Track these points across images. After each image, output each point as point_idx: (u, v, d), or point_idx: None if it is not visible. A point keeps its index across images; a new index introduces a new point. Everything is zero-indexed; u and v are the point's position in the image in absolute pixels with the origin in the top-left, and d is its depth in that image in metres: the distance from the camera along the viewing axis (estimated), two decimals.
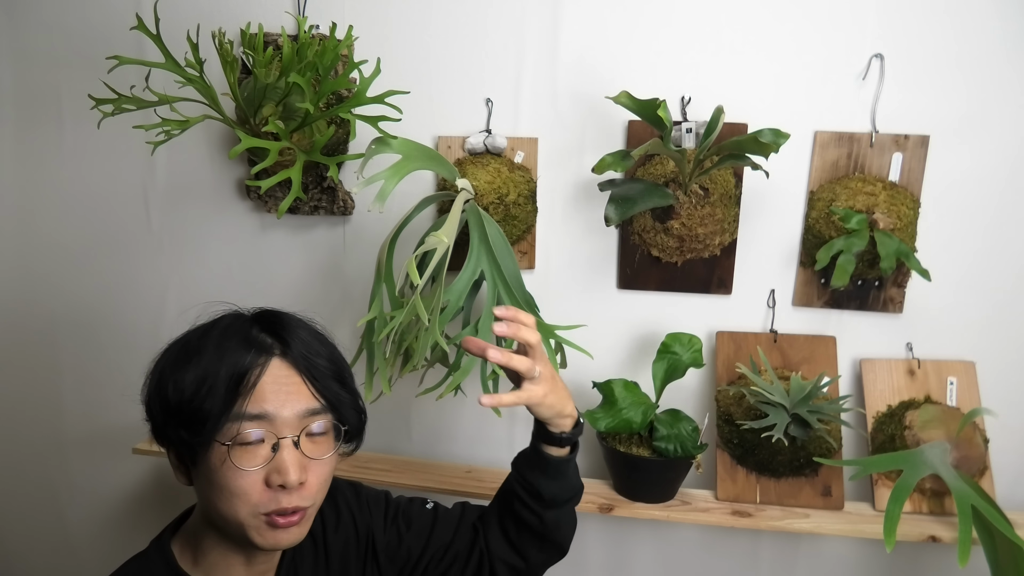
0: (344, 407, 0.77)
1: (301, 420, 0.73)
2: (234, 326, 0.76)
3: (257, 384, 0.71)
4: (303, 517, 0.73)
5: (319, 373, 0.75)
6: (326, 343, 0.80)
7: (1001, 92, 1.06)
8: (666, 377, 1.09)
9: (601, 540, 1.29)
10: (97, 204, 1.34)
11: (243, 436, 0.70)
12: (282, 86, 0.98)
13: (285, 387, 0.73)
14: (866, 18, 1.06)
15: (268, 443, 0.71)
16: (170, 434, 0.73)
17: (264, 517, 0.71)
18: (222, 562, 0.77)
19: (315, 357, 0.76)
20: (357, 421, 0.80)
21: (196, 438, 0.70)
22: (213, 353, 0.72)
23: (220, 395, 0.69)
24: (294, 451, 0.71)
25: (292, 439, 0.72)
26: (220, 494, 0.71)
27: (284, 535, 0.72)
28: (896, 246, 1.02)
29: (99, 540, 1.50)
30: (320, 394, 0.75)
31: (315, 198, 1.22)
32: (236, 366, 0.71)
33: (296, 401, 0.73)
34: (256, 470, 0.70)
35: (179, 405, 0.71)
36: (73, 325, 1.40)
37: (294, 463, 0.71)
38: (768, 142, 0.93)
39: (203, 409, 0.69)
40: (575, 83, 1.15)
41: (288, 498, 0.71)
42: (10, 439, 1.48)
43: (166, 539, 0.80)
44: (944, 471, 0.95)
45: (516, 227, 1.17)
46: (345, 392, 0.78)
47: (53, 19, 1.28)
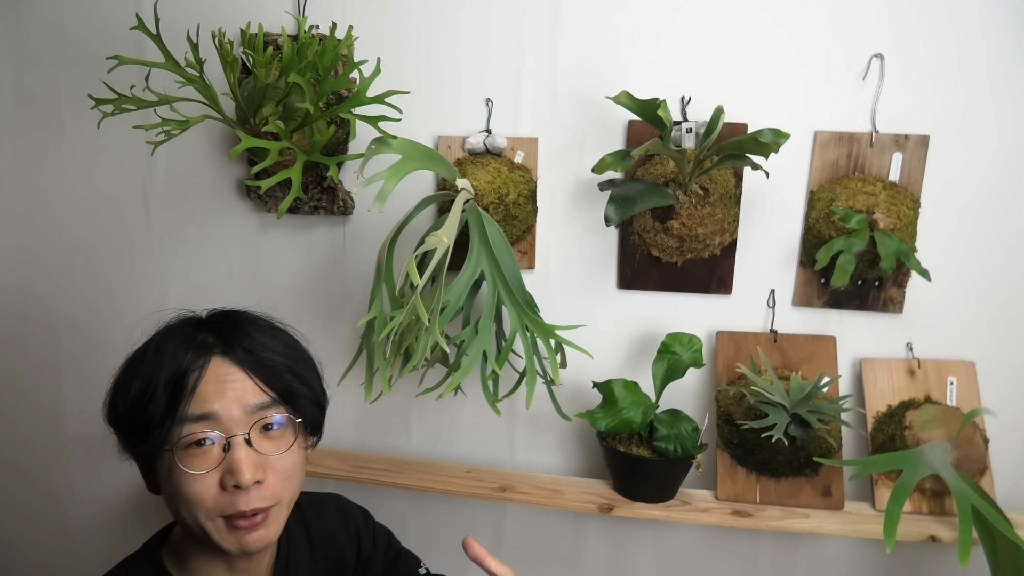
0: (298, 399, 0.75)
1: (250, 416, 0.70)
2: (176, 329, 0.74)
3: (198, 385, 0.69)
4: (267, 517, 0.71)
5: (267, 368, 0.73)
6: (281, 336, 0.78)
7: (1001, 92, 1.06)
8: (666, 377, 1.09)
9: (601, 540, 1.29)
10: (97, 204, 1.34)
11: (188, 438, 0.68)
12: (282, 86, 0.98)
13: (228, 384, 0.70)
14: (866, 18, 1.06)
15: (219, 444, 0.68)
16: (124, 445, 0.72)
17: (223, 520, 0.69)
18: (205, 567, 0.76)
19: (263, 352, 0.73)
20: (314, 413, 0.78)
21: (144, 446, 0.68)
22: (153, 359, 0.70)
23: (161, 401, 0.67)
24: (246, 449, 0.69)
25: (243, 436, 0.69)
26: (177, 501, 0.69)
27: (249, 537, 0.70)
28: (896, 246, 1.02)
29: (99, 540, 1.50)
30: (270, 387, 0.72)
31: (315, 198, 1.22)
32: (175, 369, 0.69)
33: (241, 397, 0.70)
34: (207, 473, 0.68)
35: (126, 415, 0.70)
36: (73, 325, 1.40)
37: (248, 462, 0.68)
38: (768, 142, 0.93)
39: (146, 416, 0.68)
40: (575, 83, 1.15)
41: (245, 499, 0.68)
42: (10, 439, 1.48)
43: (155, 544, 0.79)
44: (944, 471, 0.95)
45: (516, 227, 1.17)
46: (300, 384, 0.75)
47: (53, 19, 1.28)
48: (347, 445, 1.33)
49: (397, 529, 1.03)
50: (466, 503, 1.30)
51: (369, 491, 1.26)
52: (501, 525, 1.32)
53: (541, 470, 1.26)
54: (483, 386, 1.03)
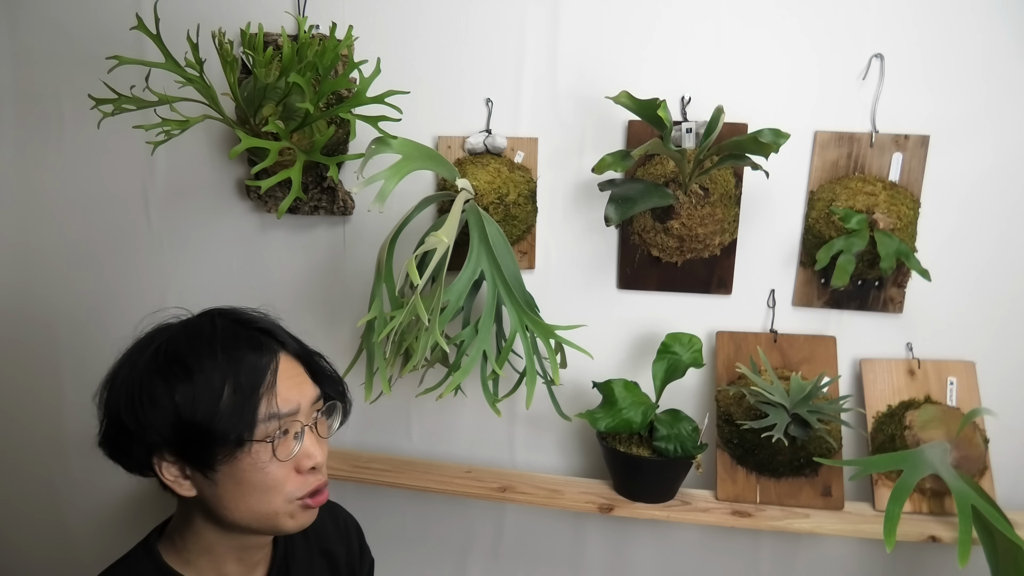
0: (327, 384, 0.83)
1: (312, 406, 0.78)
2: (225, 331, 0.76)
3: (276, 382, 0.75)
4: (325, 492, 0.79)
5: (309, 359, 0.81)
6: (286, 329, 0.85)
7: (1001, 92, 1.06)
8: (666, 377, 1.09)
9: (601, 540, 1.29)
10: (97, 204, 1.34)
11: (277, 433, 0.73)
12: (282, 86, 0.98)
13: (296, 379, 0.77)
14: (866, 18, 1.06)
15: (291, 433, 0.75)
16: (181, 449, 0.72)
17: (298, 502, 0.76)
18: (214, 559, 0.79)
19: (297, 345, 0.82)
20: (339, 393, 0.86)
21: (223, 445, 0.70)
22: (223, 361, 0.72)
23: (247, 401, 0.72)
24: (312, 435, 0.77)
25: (310, 425, 0.77)
26: (251, 491, 0.73)
27: (312, 513, 0.78)
28: (896, 246, 1.02)
29: (99, 540, 1.50)
30: (314, 377, 0.81)
31: (315, 198, 1.22)
32: (255, 370, 0.74)
33: (307, 390, 0.78)
34: (290, 460, 0.75)
35: (193, 419, 0.70)
36: (73, 325, 1.40)
37: (316, 446, 0.77)
38: (768, 142, 0.93)
39: (232, 417, 0.71)
40: (575, 83, 1.15)
41: (317, 478, 0.77)
42: (10, 439, 1.48)
43: (153, 540, 0.81)
44: (944, 471, 0.95)
45: (516, 227, 1.17)
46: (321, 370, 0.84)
47: (53, 19, 1.28)
48: (347, 445, 1.33)
49: (397, 529, 1.03)
50: (466, 503, 1.30)
51: (369, 491, 1.26)
52: (501, 525, 1.32)
53: (541, 470, 1.26)
54: (483, 386, 1.03)
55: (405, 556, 1.33)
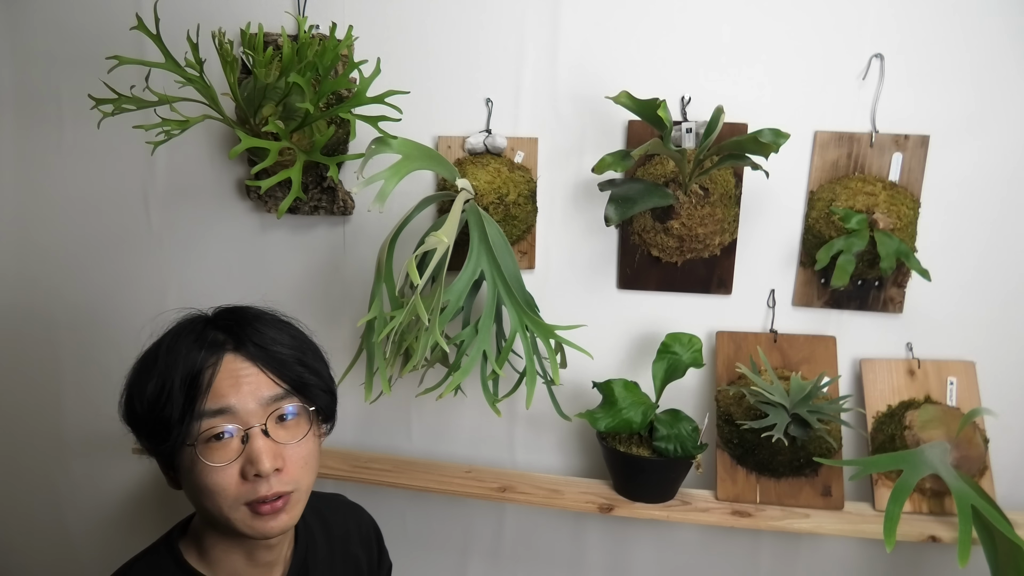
0: (310, 389, 0.78)
1: (265, 408, 0.73)
2: (187, 329, 0.76)
3: (213, 381, 0.72)
4: (287, 502, 0.74)
5: (278, 360, 0.76)
6: (287, 329, 0.81)
7: (1002, 91, 1.06)
8: (666, 377, 1.09)
9: (601, 540, 1.29)
10: (97, 204, 1.34)
11: (207, 432, 0.70)
12: (282, 86, 0.98)
13: (242, 379, 0.73)
14: (866, 18, 1.06)
15: (237, 436, 0.71)
16: (144, 444, 0.75)
17: (246, 507, 0.72)
18: (225, 558, 0.79)
19: (272, 345, 0.76)
20: (327, 401, 0.81)
21: (164, 444, 0.71)
22: (167, 359, 0.73)
23: (178, 399, 0.70)
24: (264, 439, 0.72)
25: (260, 428, 0.72)
26: (200, 493, 0.72)
27: (271, 522, 0.73)
28: (896, 246, 1.02)
29: (99, 540, 1.50)
30: (282, 379, 0.75)
31: (315, 198, 1.22)
32: (190, 367, 0.71)
33: (255, 390, 0.73)
34: (227, 465, 0.71)
35: (144, 415, 0.72)
36: (73, 325, 1.40)
37: (266, 451, 0.71)
38: (768, 142, 0.93)
39: (164, 415, 0.70)
40: (575, 83, 1.15)
41: (267, 485, 0.71)
42: (10, 439, 1.48)
43: (175, 537, 0.82)
44: (944, 471, 0.95)
45: (516, 227, 1.17)
46: (310, 374, 0.78)
47: (53, 19, 1.28)
48: (347, 445, 1.33)
49: (397, 529, 1.04)
50: (466, 503, 1.30)
51: (369, 491, 1.26)
52: (501, 525, 1.31)
53: (541, 470, 1.26)
54: (483, 386, 1.03)
55: (405, 556, 1.33)
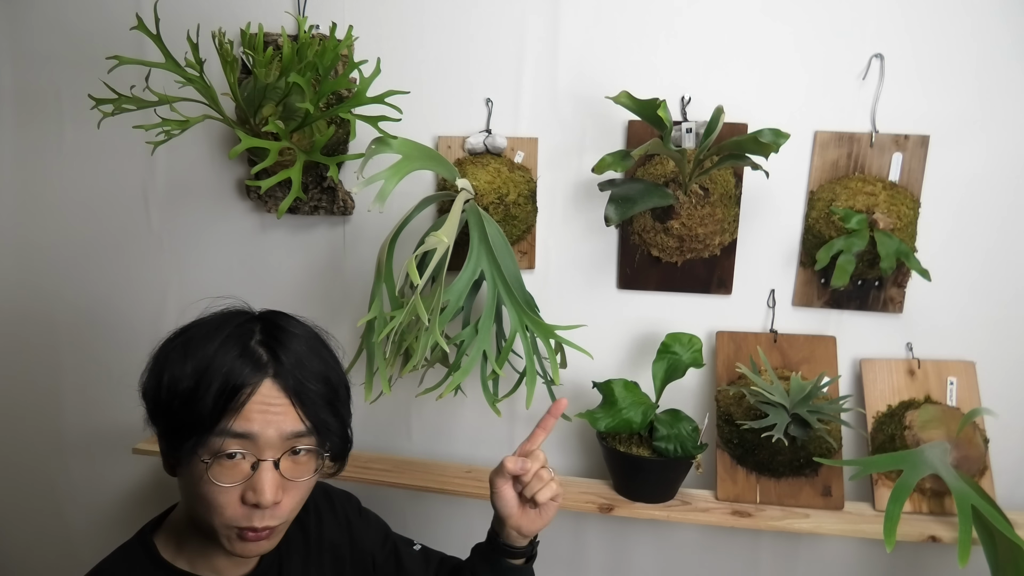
0: (330, 434, 0.77)
1: (284, 442, 0.72)
2: (235, 333, 0.75)
3: (247, 403, 0.71)
4: (272, 533, 0.74)
5: (308, 397, 0.74)
6: (325, 361, 0.79)
7: (1002, 92, 1.06)
8: (666, 377, 1.09)
9: (601, 540, 1.29)
10: (97, 204, 1.34)
11: (223, 450, 0.70)
12: (282, 86, 0.98)
13: (273, 408, 0.72)
14: (866, 18, 1.06)
15: (248, 461, 0.71)
16: (158, 425, 0.74)
17: (236, 530, 0.72)
18: (205, 550, 0.79)
19: (307, 381, 0.75)
20: (341, 448, 0.79)
21: (181, 446, 0.70)
22: (213, 356, 0.71)
23: (209, 406, 0.69)
24: (273, 472, 0.71)
25: (272, 460, 0.72)
26: (198, 501, 0.72)
27: (253, 547, 0.74)
28: (896, 246, 1.02)
29: (99, 540, 1.49)
30: (307, 418, 0.74)
31: (315, 198, 1.22)
32: (230, 379, 0.70)
33: (281, 423, 0.72)
34: (233, 487, 0.70)
35: (170, 401, 0.71)
36: (73, 325, 1.40)
37: (271, 484, 0.71)
38: (768, 142, 0.93)
39: (191, 415, 0.70)
40: (575, 83, 1.15)
41: (260, 517, 0.71)
42: (10, 439, 1.48)
43: (148, 531, 0.81)
44: (944, 471, 0.95)
45: (516, 227, 1.17)
46: (334, 419, 0.77)
47: (53, 19, 1.28)
48: None
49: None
50: (466, 503, 1.30)
51: (369, 491, 1.26)
52: None
53: None
54: (483, 386, 1.03)
55: None
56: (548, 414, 0.88)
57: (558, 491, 0.85)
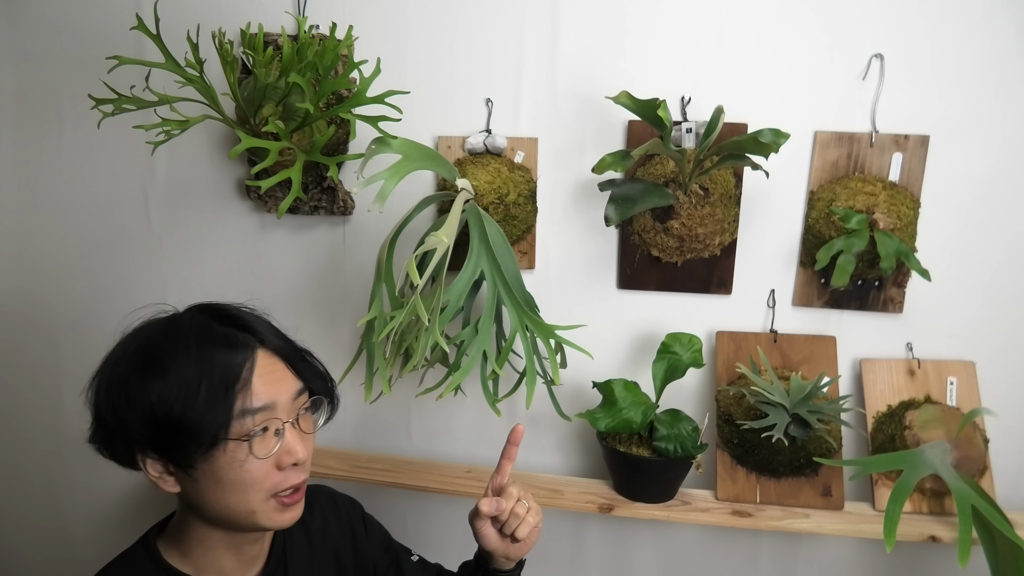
0: (313, 380, 0.82)
1: (294, 402, 0.77)
2: (200, 328, 0.76)
3: (252, 379, 0.74)
4: (301, 492, 0.78)
5: (291, 354, 0.80)
6: (272, 324, 0.84)
7: (1002, 91, 1.06)
8: (666, 377, 1.09)
9: (601, 540, 1.29)
10: (97, 204, 1.34)
11: (257, 429, 0.73)
12: (282, 86, 0.98)
13: (275, 375, 0.76)
14: (866, 18, 1.06)
15: (272, 429, 0.74)
16: (159, 446, 0.73)
17: (274, 500, 0.75)
18: (210, 554, 0.79)
19: (280, 340, 0.80)
20: (326, 388, 0.85)
21: (199, 444, 0.70)
22: (196, 358, 0.72)
23: (221, 398, 0.71)
24: (295, 431, 0.76)
25: (291, 421, 0.76)
26: (230, 488, 0.73)
27: (292, 512, 0.77)
28: (896, 246, 1.02)
29: (99, 540, 1.50)
30: (298, 374, 0.79)
31: (315, 198, 1.22)
32: (229, 367, 0.73)
33: (287, 386, 0.77)
34: (270, 456, 0.74)
35: (170, 417, 0.70)
36: (73, 325, 1.40)
37: (299, 442, 0.76)
38: (768, 142, 0.93)
39: (206, 415, 0.70)
40: (575, 83, 1.15)
41: (296, 475, 0.76)
42: (10, 439, 1.48)
43: (152, 537, 0.82)
44: (944, 471, 0.95)
45: (516, 227, 1.17)
46: (307, 366, 0.82)
47: (53, 19, 1.28)
48: (347, 445, 1.33)
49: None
50: (466, 503, 1.29)
51: (369, 491, 1.26)
52: None
53: (541, 470, 1.26)
54: (483, 386, 1.03)
55: None
56: (508, 443, 0.90)
57: (536, 522, 0.87)
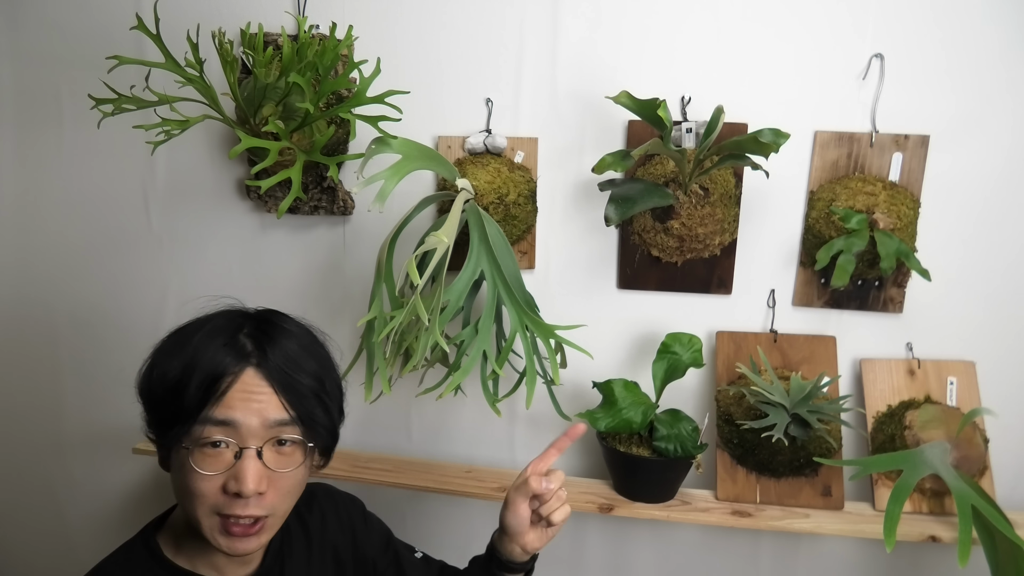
0: (317, 426, 0.76)
1: (267, 430, 0.72)
2: (224, 325, 0.76)
3: (228, 391, 0.71)
4: (262, 527, 0.73)
5: (294, 388, 0.74)
6: (317, 357, 0.79)
7: (1001, 92, 1.06)
8: (666, 377, 1.09)
9: (601, 540, 1.29)
10: (97, 204, 1.34)
11: (206, 438, 0.70)
12: (282, 86, 0.98)
13: (255, 396, 0.72)
14: (866, 18, 1.06)
15: (231, 451, 0.71)
16: (149, 419, 0.75)
17: (219, 519, 0.71)
18: (203, 549, 0.79)
19: (295, 372, 0.75)
20: (327, 441, 0.79)
21: (167, 433, 0.71)
22: (198, 349, 0.73)
23: (192, 396, 0.70)
24: (256, 461, 0.71)
25: (255, 449, 0.71)
26: (183, 491, 0.73)
27: (240, 543, 0.72)
28: (896, 246, 1.02)
29: (99, 540, 1.50)
30: (293, 408, 0.74)
31: (315, 198, 1.22)
32: (212, 369, 0.71)
33: (263, 411, 0.72)
34: (215, 475, 0.70)
35: (158, 395, 0.73)
36: (73, 325, 1.40)
37: (253, 473, 0.70)
38: (768, 142, 0.93)
39: (175, 406, 0.71)
40: (575, 83, 1.15)
41: (243, 506, 0.71)
42: (10, 439, 1.48)
43: (150, 530, 0.82)
44: (944, 471, 0.95)
45: (516, 227, 1.17)
46: (322, 412, 0.77)
47: (53, 19, 1.28)
48: (347, 445, 1.33)
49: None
50: (466, 503, 1.30)
51: (369, 491, 1.26)
52: None
53: None
54: (483, 386, 1.03)
55: None
56: (565, 435, 0.89)
57: (569, 512, 0.86)
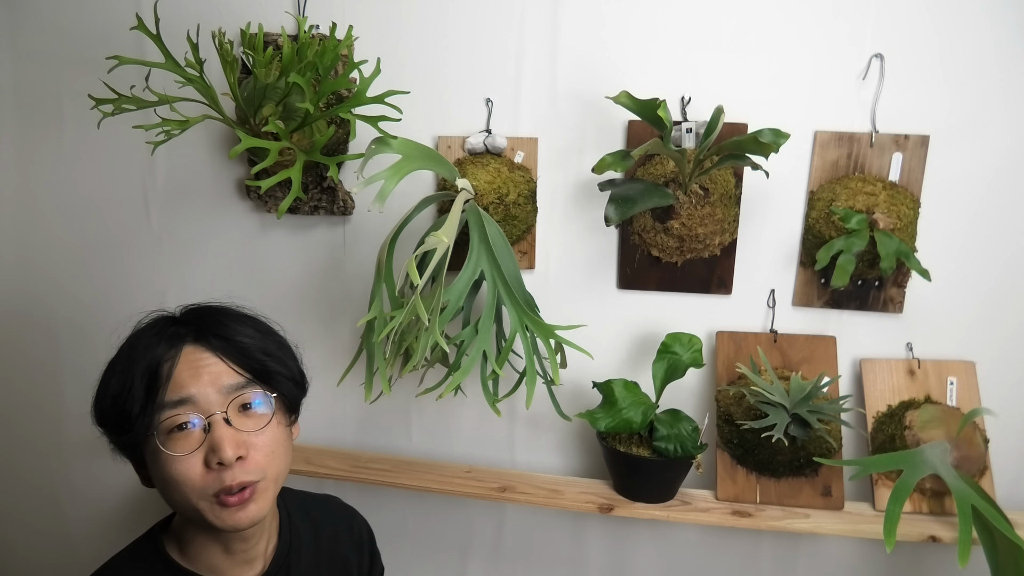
0: (274, 377, 0.78)
1: (227, 396, 0.73)
2: (152, 324, 0.78)
3: (172, 372, 0.72)
4: (254, 492, 0.73)
5: (239, 348, 0.76)
6: (250, 321, 0.81)
7: (1001, 92, 1.06)
8: (666, 377, 1.09)
9: (601, 540, 1.29)
10: (97, 204, 1.34)
11: (168, 422, 0.71)
12: (282, 86, 0.98)
13: (202, 368, 0.73)
14: (866, 18, 1.06)
15: (200, 426, 0.72)
16: (112, 441, 0.75)
17: (213, 498, 0.71)
18: (204, 551, 0.79)
19: (234, 336, 0.77)
20: (291, 390, 0.80)
21: (128, 436, 0.72)
22: (129, 355, 0.74)
23: (139, 392, 0.71)
24: (226, 428, 0.72)
25: (221, 416, 0.72)
26: (167, 486, 0.72)
27: (240, 514, 0.73)
28: (896, 246, 1.02)
29: (99, 540, 1.50)
30: (243, 368, 0.75)
31: (315, 198, 1.22)
32: (149, 360, 0.72)
33: (216, 379, 0.73)
34: (190, 454, 0.71)
35: (108, 411, 0.73)
36: (73, 325, 1.40)
37: (228, 439, 0.71)
38: (768, 142, 0.93)
39: (126, 409, 0.71)
40: (575, 83, 1.15)
41: (231, 475, 0.71)
42: (10, 439, 1.48)
43: (157, 532, 0.82)
44: (944, 471, 0.95)
45: (516, 227, 1.17)
46: (273, 362, 0.78)
47: (53, 19, 1.28)
48: (347, 445, 1.33)
49: (397, 529, 1.04)
50: (466, 503, 1.30)
51: (369, 491, 1.26)
52: (501, 525, 1.31)
53: (541, 470, 1.26)
54: (483, 386, 1.03)
55: (405, 556, 1.33)
56: None
57: None
